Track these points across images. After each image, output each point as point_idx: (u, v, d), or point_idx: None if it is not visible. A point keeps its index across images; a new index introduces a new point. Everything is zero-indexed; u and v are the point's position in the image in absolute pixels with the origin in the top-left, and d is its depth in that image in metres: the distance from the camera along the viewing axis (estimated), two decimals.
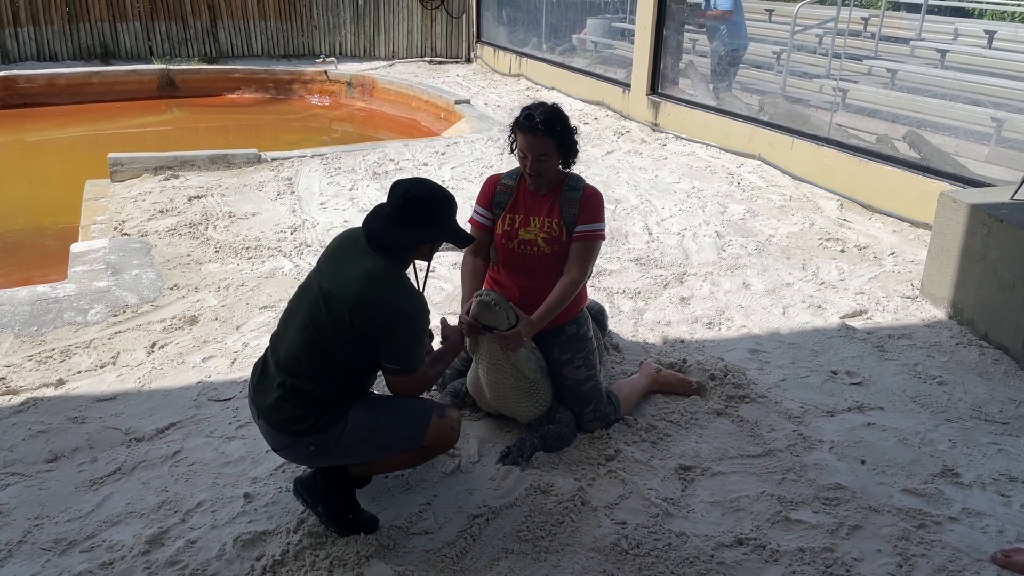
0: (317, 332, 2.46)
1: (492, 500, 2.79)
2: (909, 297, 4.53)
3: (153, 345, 3.90)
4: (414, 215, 2.53)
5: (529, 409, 3.09)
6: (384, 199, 2.63)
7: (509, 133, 3.13)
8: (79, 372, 3.66)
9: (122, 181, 6.52)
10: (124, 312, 4.21)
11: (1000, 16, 10.79)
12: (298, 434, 2.47)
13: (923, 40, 9.45)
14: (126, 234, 5.33)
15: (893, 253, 5.16)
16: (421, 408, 2.61)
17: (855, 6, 9.99)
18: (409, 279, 2.57)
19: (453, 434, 2.67)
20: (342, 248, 2.61)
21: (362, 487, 2.74)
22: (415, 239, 2.55)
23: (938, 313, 4.33)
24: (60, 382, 3.56)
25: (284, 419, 2.47)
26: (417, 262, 2.75)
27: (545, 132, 2.96)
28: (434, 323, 4.10)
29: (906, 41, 9.64)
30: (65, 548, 2.58)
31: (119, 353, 3.82)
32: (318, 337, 2.45)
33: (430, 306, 4.25)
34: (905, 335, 4.10)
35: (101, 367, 3.70)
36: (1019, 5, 10.36)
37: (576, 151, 3.11)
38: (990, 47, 9.00)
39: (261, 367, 2.61)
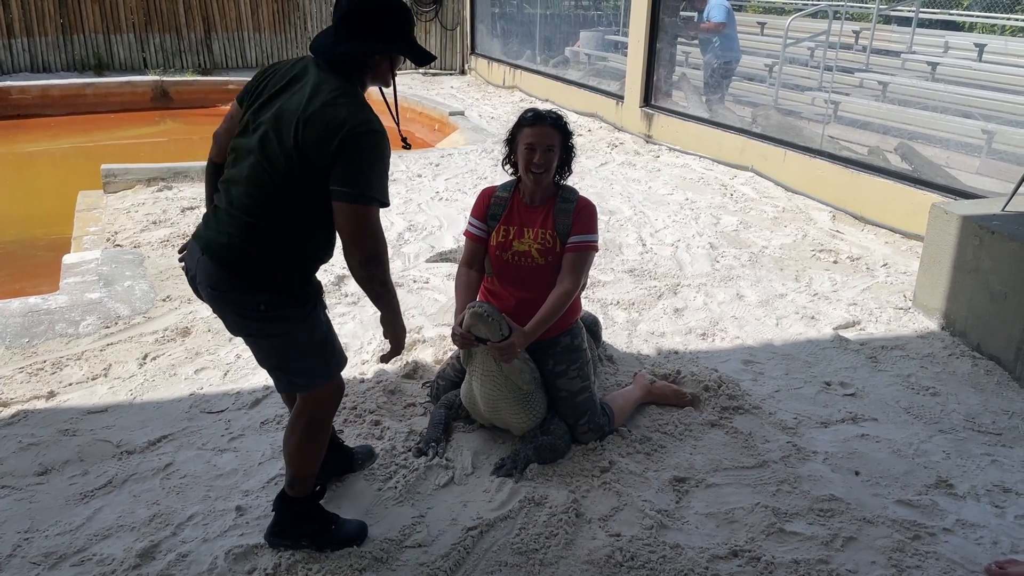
0: (271, 167, 2.22)
1: (486, 512, 2.78)
2: (902, 308, 4.54)
3: (145, 357, 3.88)
4: (362, 24, 2.27)
5: (523, 421, 3.08)
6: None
7: (504, 145, 3.15)
8: (70, 384, 3.63)
9: (115, 192, 6.51)
10: (116, 324, 4.19)
11: (990, 29, 10.88)
12: (252, 282, 2.24)
13: (914, 53, 9.52)
14: (119, 245, 5.32)
15: (886, 264, 5.18)
16: (338, 363, 2.47)
17: (846, 19, 10.06)
18: (365, 100, 2.28)
19: (330, 401, 2.50)
20: (286, 78, 2.32)
21: (320, 498, 2.63)
22: (366, 50, 2.27)
23: (931, 324, 4.34)
24: (51, 394, 3.54)
25: (236, 255, 2.24)
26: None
27: (552, 124, 3.06)
28: (418, 326, 4.09)
29: (897, 54, 9.71)
30: (55, 562, 2.55)
31: (111, 365, 3.80)
32: (272, 173, 2.22)
33: (424, 318, 4.27)
34: (898, 346, 4.11)
35: (93, 379, 3.68)
36: (1008, 18, 10.45)
37: (572, 158, 3.17)
38: (980, 60, 9.07)
39: (213, 214, 2.36)
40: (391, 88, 2.45)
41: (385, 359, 2.59)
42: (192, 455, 3.12)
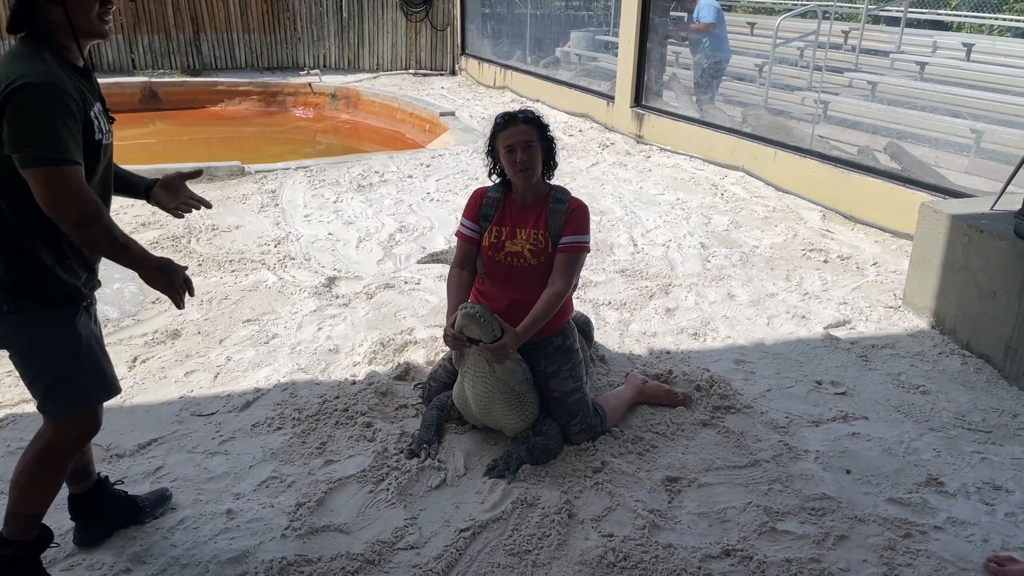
0: None
1: (479, 513, 2.78)
2: (892, 307, 4.56)
3: (135, 360, 3.86)
4: None
5: (515, 421, 3.08)
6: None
7: (486, 157, 3.19)
8: None
9: None
10: (105, 326, 4.16)
11: (978, 29, 10.95)
12: None
13: (903, 53, 9.58)
14: None
15: (875, 263, 5.21)
16: (100, 390, 2.28)
17: (836, 19, 10.11)
18: (44, 55, 2.05)
19: (75, 434, 2.29)
20: None
21: (42, 551, 2.40)
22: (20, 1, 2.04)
23: (920, 323, 4.36)
24: None
25: None
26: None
27: (524, 121, 3.10)
28: (410, 327, 4.08)
29: (886, 54, 9.76)
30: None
31: None
32: None
33: (416, 319, 4.26)
34: (888, 345, 4.13)
35: None
36: (996, 18, 10.52)
37: (555, 151, 3.19)
38: (968, 60, 9.12)
39: None
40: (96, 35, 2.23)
41: (176, 305, 2.27)
42: (182, 458, 3.10)
